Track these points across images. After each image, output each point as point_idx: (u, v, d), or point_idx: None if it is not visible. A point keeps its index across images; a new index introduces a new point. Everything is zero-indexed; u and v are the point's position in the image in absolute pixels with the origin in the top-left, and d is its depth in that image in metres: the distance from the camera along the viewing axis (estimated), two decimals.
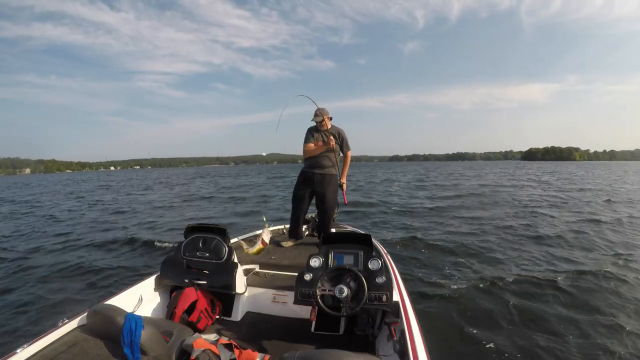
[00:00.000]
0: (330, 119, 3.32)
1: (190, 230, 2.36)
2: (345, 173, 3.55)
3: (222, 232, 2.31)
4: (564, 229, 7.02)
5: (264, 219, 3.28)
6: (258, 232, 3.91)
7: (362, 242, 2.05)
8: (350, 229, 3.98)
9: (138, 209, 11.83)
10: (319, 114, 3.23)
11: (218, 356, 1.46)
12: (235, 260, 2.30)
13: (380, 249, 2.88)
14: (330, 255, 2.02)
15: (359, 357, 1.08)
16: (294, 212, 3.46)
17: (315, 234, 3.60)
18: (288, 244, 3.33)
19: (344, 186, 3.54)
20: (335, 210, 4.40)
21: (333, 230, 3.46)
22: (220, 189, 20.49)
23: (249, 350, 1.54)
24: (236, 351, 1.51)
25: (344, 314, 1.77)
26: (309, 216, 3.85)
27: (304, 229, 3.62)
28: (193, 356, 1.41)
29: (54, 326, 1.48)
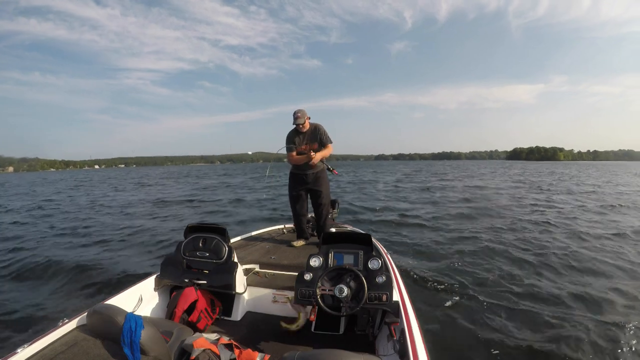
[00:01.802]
0: (309, 118, 3.30)
1: (190, 229, 2.36)
2: (322, 153, 3.31)
3: (222, 232, 2.30)
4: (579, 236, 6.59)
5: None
6: (261, 230, 3.92)
7: (362, 242, 2.05)
8: (350, 228, 3.98)
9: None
10: (300, 115, 3.19)
11: (218, 356, 1.46)
12: (235, 260, 2.30)
13: (380, 249, 2.88)
14: (330, 255, 2.02)
15: (359, 357, 1.07)
16: (296, 213, 3.49)
17: (315, 234, 3.60)
18: (299, 243, 3.37)
19: (315, 158, 3.26)
20: (335, 210, 4.40)
21: (333, 230, 3.46)
22: (193, 191, 18.67)
23: (249, 350, 1.54)
24: (236, 351, 1.51)
25: (344, 313, 1.77)
26: (309, 216, 3.85)
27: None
28: (193, 356, 1.41)
29: (54, 326, 1.48)
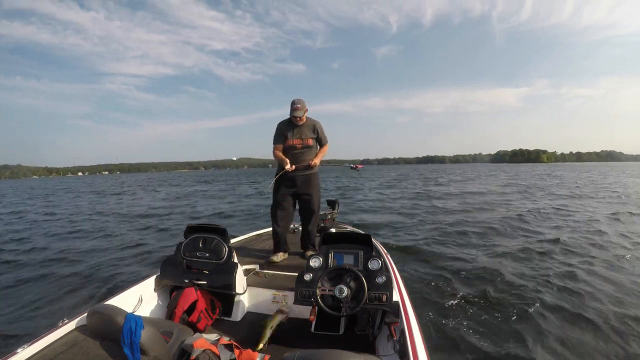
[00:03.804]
0: (306, 111, 2.97)
1: (190, 230, 2.36)
2: (320, 157, 3.10)
3: (222, 232, 2.31)
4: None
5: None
6: (261, 231, 3.91)
7: (362, 242, 2.05)
8: (350, 228, 3.98)
9: None
10: (300, 107, 2.82)
11: (218, 356, 1.45)
12: (235, 260, 2.30)
13: (380, 249, 2.88)
14: (330, 255, 2.02)
15: (359, 357, 1.07)
16: (278, 220, 3.05)
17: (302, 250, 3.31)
18: (280, 257, 2.95)
19: (314, 163, 3.02)
20: (336, 210, 4.39)
21: (333, 230, 3.45)
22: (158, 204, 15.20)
23: (249, 351, 1.54)
24: (236, 351, 1.51)
25: (344, 313, 1.77)
26: (293, 225, 3.68)
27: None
28: (193, 356, 1.41)
29: (54, 326, 1.48)
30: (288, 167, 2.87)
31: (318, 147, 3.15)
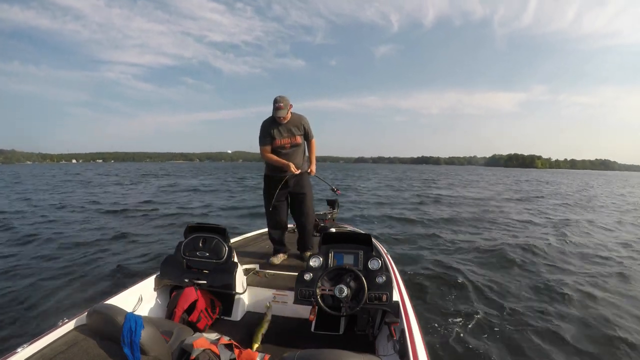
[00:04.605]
0: (291, 106, 2.76)
1: (190, 230, 2.36)
2: (314, 161, 3.09)
3: (222, 232, 2.30)
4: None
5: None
6: (260, 230, 3.90)
7: (362, 242, 2.05)
8: (350, 228, 3.97)
9: None
10: (282, 105, 2.62)
11: (218, 356, 1.45)
12: (235, 260, 2.30)
13: (380, 249, 2.89)
14: (330, 255, 2.03)
15: (359, 357, 1.07)
16: (275, 223, 2.99)
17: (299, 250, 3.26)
18: (280, 258, 2.96)
19: (312, 173, 3.10)
20: (336, 210, 4.37)
21: (333, 230, 3.44)
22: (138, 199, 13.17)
23: (249, 350, 1.54)
24: (236, 351, 1.51)
25: (344, 313, 1.77)
26: (294, 225, 3.58)
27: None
28: (193, 356, 1.41)
29: (54, 326, 1.48)
30: (294, 169, 2.76)
31: (306, 143, 3.02)
